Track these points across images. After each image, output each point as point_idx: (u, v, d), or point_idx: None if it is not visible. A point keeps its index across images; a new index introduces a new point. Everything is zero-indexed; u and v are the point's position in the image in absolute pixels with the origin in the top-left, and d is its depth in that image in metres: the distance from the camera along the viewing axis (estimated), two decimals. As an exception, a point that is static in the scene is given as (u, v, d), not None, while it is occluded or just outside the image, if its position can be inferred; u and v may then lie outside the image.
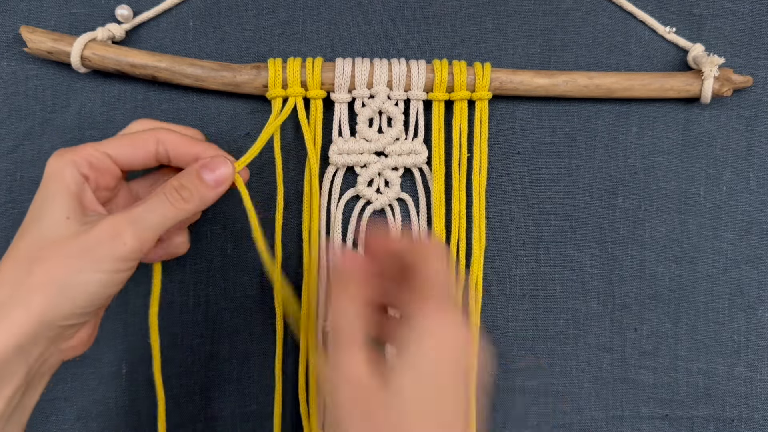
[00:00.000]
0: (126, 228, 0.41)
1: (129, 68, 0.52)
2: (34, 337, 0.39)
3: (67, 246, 0.40)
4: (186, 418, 0.56)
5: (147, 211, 0.42)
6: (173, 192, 0.43)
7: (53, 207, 0.41)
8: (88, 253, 0.40)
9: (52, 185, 0.42)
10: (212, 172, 0.45)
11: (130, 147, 0.45)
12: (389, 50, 0.56)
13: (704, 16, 0.58)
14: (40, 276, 0.39)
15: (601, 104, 0.57)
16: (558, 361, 0.57)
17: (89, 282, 0.40)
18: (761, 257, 0.57)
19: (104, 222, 0.41)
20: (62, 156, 0.42)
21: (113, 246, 0.41)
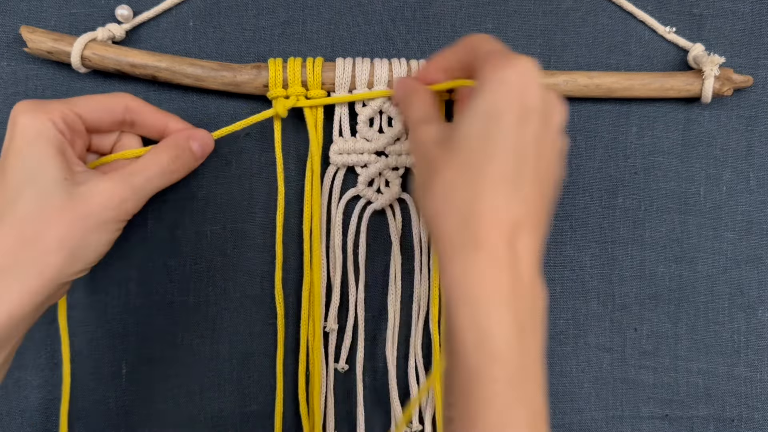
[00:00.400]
0: (130, 197, 0.44)
1: (129, 68, 0.52)
2: (46, 296, 0.42)
3: (74, 210, 0.42)
4: (186, 418, 0.56)
5: (148, 182, 0.46)
6: (169, 163, 0.47)
7: (47, 169, 0.42)
8: (95, 217, 0.43)
9: (37, 145, 0.43)
10: (197, 142, 0.50)
11: (99, 110, 0.47)
12: (389, 50, 0.56)
13: (704, 16, 0.58)
14: (51, 240, 0.41)
15: (601, 104, 0.57)
16: (558, 361, 0.57)
17: (98, 242, 0.44)
18: (761, 257, 0.57)
19: (109, 188, 0.44)
20: (35, 112, 0.43)
21: (119, 211, 0.44)
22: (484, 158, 0.38)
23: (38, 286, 0.41)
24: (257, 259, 0.56)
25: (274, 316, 0.55)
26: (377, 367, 0.56)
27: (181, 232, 0.55)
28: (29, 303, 0.41)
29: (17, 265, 0.40)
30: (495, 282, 0.36)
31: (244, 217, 0.55)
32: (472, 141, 0.39)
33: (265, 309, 0.56)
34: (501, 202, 0.37)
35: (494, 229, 0.37)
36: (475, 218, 0.37)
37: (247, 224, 0.56)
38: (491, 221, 0.37)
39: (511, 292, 0.36)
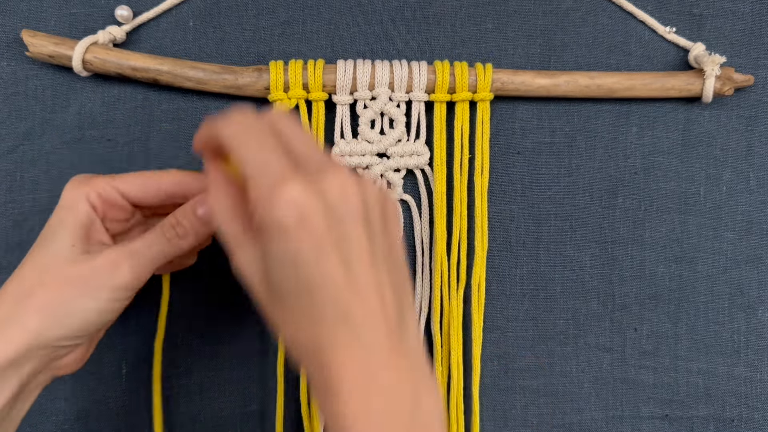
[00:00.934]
0: (124, 260, 0.43)
1: (130, 71, 0.52)
2: (27, 354, 0.41)
3: (67, 272, 0.42)
4: (186, 418, 0.56)
5: (145, 246, 0.44)
6: (170, 228, 0.45)
7: (60, 235, 0.43)
8: (86, 281, 0.42)
9: (63, 214, 0.44)
10: (203, 207, 0.45)
11: (143, 185, 0.46)
12: (389, 50, 0.56)
13: (704, 16, 0.58)
14: (39, 299, 0.41)
15: (601, 104, 0.57)
16: (558, 361, 0.57)
17: (84, 309, 0.42)
18: (761, 257, 0.58)
19: (104, 253, 0.43)
20: (77, 186, 0.44)
21: (111, 276, 0.42)
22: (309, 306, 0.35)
23: (19, 341, 0.40)
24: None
25: (274, 317, 0.55)
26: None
27: (181, 232, 0.55)
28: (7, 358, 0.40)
29: (6, 319, 0.41)
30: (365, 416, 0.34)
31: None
32: (291, 292, 0.36)
33: (265, 309, 0.56)
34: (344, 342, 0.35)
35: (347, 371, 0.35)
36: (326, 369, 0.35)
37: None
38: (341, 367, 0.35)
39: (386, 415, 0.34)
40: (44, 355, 0.42)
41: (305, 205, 0.34)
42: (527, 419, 0.57)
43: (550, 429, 0.58)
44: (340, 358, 0.35)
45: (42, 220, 0.53)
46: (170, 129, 0.55)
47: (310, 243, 0.34)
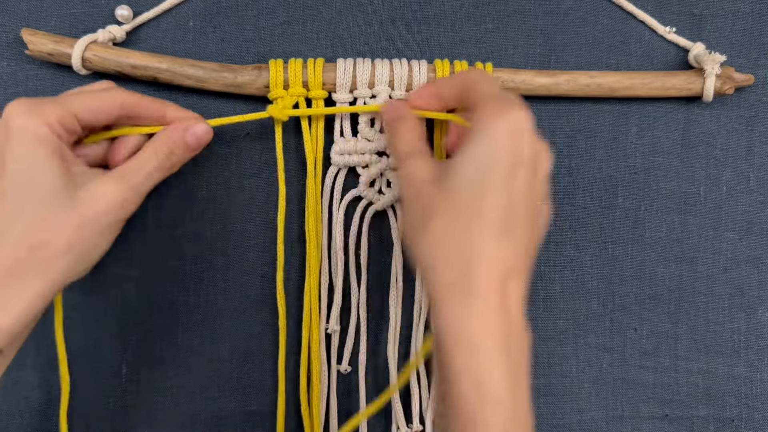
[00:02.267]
0: (130, 195, 0.44)
1: (130, 70, 0.52)
2: (52, 297, 0.42)
3: (78, 215, 0.42)
4: (186, 418, 0.56)
5: (147, 179, 0.46)
6: (165, 159, 0.47)
7: (47, 176, 0.42)
8: (100, 220, 0.43)
9: (36, 150, 0.42)
10: (193, 133, 0.48)
11: (95, 109, 0.45)
12: (389, 50, 0.56)
13: (704, 16, 0.58)
14: (59, 245, 0.41)
15: (601, 104, 0.57)
16: (558, 361, 0.57)
17: (102, 243, 0.44)
18: (761, 257, 0.58)
19: (109, 192, 0.43)
20: (32, 116, 0.42)
21: (121, 212, 0.44)
22: (478, 207, 0.39)
23: (45, 290, 0.41)
24: (257, 259, 0.56)
25: (274, 317, 0.55)
26: (378, 367, 0.56)
27: (181, 232, 0.55)
28: (36, 306, 0.41)
29: (25, 272, 0.41)
30: (490, 328, 0.38)
31: (244, 217, 0.55)
32: (467, 188, 0.40)
33: (265, 309, 0.56)
34: (494, 250, 0.39)
35: (488, 277, 0.38)
36: (471, 266, 0.39)
37: (247, 224, 0.56)
38: (486, 270, 0.38)
39: (505, 337, 0.38)
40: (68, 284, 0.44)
41: (529, 126, 0.41)
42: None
43: (550, 429, 0.57)
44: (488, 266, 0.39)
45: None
46: (170, 128, 0.55)
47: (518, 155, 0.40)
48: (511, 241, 0.39)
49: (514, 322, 0.39)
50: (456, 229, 0.40)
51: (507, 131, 0.40)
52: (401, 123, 0.49)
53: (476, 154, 0.40)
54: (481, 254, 0.39)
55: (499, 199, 0.39)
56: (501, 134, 0.40)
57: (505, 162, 0.40)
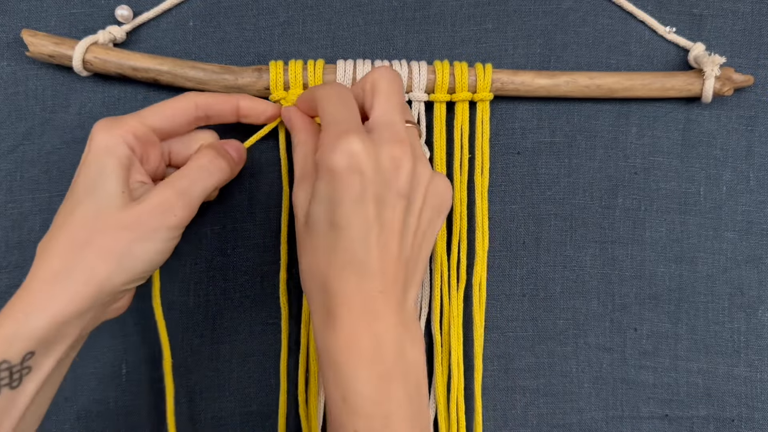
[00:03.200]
0: (176, 201, 0.44)
1: (131, 71, 0.52)
2: (92, 303, 0.42)
3: (123, 219, 0.43)
4: (186, 418, 0.56)
5: (192, 184, 0.46)
6: (209, 162, 0.47)
7: (108, 182, 0.44)
8: (143, 225, 0.43)
9: (104, 159, 0.44)
10: (232, 148, 0.50)
11: (171, 116, 0.47)
12: (389, 50, 0.56)
13: (704, 16, 0.58)
14: (101, 247, 0.42)
15: (601, 104, 0.57)
16: (558, 361, 0.57)
17: (145, 251, 0.44)
18: (761, 257, 0.58)
19: (155, 195, 0.44)
20: (110, 131, 0.45)
21: (166, 218, 0.44)
22: (331, 243, 0.41)
23: (85, 293, 0.41)
24: (257, 259, 0.56)
25: (274, 316, 0.55)
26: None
27: (181, 232, 0.55)
28: (74, 309, 0.41)
29: (66, 271, 0.41)
30: (353, 347, 0.40)
31: (244, 217, 0.55)
32: (320, 227, 0.42)
33: (265, 309, 0.56)
34: (347, 281, 0.41)
35: (344, 305, 0.41)
36: (329, 297, 0.41)
37: (247, 224, 0.56)
38: (342, 299, 0.41)
39: (371, 351, 0.40)
40: (105, 302, 0.44)
41: (359, 157, 0.40)
42: (527, 419, 0.57)
43: (550, 429, 0.57)
44: (343, 296, 0.41)
45: (42, 219, 0.53)
46: (170, 129, 0.55)
47: (352, 189, 0.40)
48: (362, 270, 0.41)
49: (383, 335, 0.41)
50: (316, 266, 0.42)
51: (340, 166, 0.40)
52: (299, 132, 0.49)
53: (321, 192, 0.42)
54: (334, 288, 0.41)
55: (350, 231, 0.41)
56: (336, 169, 0.40)
57: (346, 194, 0.41)
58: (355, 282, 0.41)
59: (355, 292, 0.41)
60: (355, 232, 0.41)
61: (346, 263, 0.41)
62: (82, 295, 0.41)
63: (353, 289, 0.41)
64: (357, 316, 0.41)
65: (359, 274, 0.41)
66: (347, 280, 0.41)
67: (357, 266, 0.41)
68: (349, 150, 0.40)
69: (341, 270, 0.41)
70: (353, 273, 0.41)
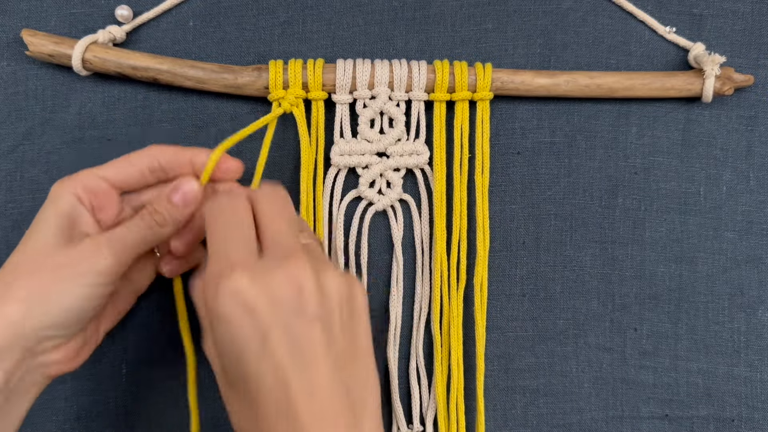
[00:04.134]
0: (105, 246, 0.43)
1: (130, 71, 0.52)
2: (9, 346, 0.40)
3: (48, 260, 0.42)
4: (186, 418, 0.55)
5: (126, 232, 0.44)
6: (147, 216, 0.45)
7: (44, 227, 0.43)
8: (67, 267, 0.42)
9: (47, 209, 0.44)
10: (178, 193, 0.45)
11: (124, 166, 0.46)
12: (389, 50, 0.56)
13: (704, 16, 0.58)
14: (20, 287, 0.41)
15: (601, 104, 0.57)
16: (558, 361, 0.57)
17: (66, 294, 0.42)
18: (761, 257, 0.58)
19: (86, 240, 0.43)
20: (61, 183, 0.45)
21: (92, 262, 0.42)
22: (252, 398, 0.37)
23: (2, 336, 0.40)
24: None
25: (274, 317, 0.55)
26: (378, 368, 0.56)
27: (181, 232, 0.55)
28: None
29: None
30: None
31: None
32: (236, 381, 0.38)
33: (265, 309, 0.56)
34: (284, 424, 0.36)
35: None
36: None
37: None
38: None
39: None
40: (28, 347, 0.41)
41: (246, 295, 0.36)
42: (527, 419, 0.57)
43: (550, 429, 0.57)
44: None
45: (42, 219, 0.53)
46: (170, 129, 0.55)
47: (248, 334, 0.36)
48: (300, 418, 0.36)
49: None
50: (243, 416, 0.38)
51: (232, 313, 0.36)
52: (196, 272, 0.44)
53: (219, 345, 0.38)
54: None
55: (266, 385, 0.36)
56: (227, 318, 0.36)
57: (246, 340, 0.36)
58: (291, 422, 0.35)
59: None
60: (271, 380, 0.36)
61: (276, 418, 0.36)
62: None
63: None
64: None
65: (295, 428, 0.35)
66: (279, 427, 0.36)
67: (289, 418, 0.35)
68: (233, 289, 0.36)
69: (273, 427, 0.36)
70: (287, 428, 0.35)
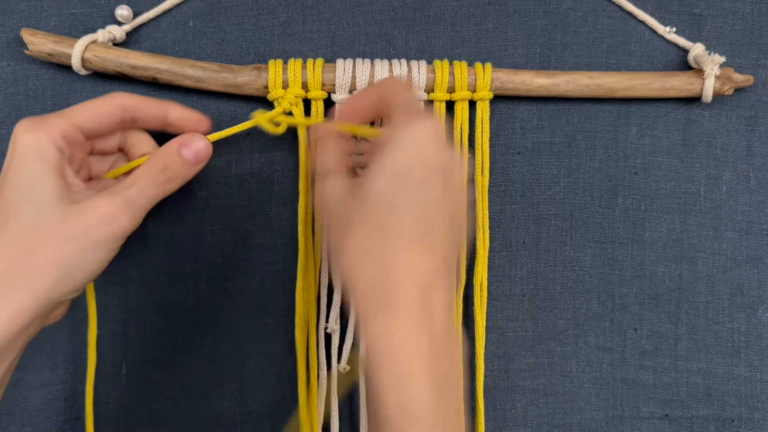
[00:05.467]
0: (123, 211, 0.43)
1: (130, 70, 0.52)
2: (35, 317, 0.41)
3: (66, 229, 0.41)
4: (186, 418, 0.56)
5: (138, 194, 0.44)
6: (159, 173, 0.45)
7: (42, 188, 0.42)
8: (87, 236, 0.41)
9: (34, 163, 0.42)
10: (190, 149, 0.47)
11: (96, 115, 0.46)
12: (389, 50, 0.56)
13: (704, 16, 0.58)
14: (43, 259, 0.40)
15: (601, 104, 0.57)
16: (558, 361, 0.57)
17: (90, 261, 0.42)
18: (761, 257, 0.58)
19: (100, 205, 0.42)
20: (36, 131, 0.42)
21: (111, 229, 0.42)
22: (394, 217, 0.39)
23: (29, 306, 0.40)
24: (257, 259, 0.56)
25: (274, 317, 0.55)
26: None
27: (181, 232, 0.55)
28: (19, 322, 0.40)
29: (8, 285, 0.40)
30: (413, 341, 0.37)
31: (244, 217, 0.55)
32: (381, 199, 0.40)
33: (265, 309, 0.56)
34: (413, 260, 0.38)
35: (408, 287, 0.38)
36: (390, 277, 0.38)
37: (247, 224, 0.56)
38: (405, 280, 0.38)
39: (429, 349, 0.38)
40: (48, 313, 0.42)
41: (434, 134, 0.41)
42: (527, 419, 0.57)
43: (550, 429, 0.57)
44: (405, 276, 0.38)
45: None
46: (170, 129, 0.55)
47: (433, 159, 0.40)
48: (430, 249, 0.39)
49: (439, 333, 0.38)
50: (371, 243, 0.39)
51: (413, 141, 0.40)
52: (322, 143, 0.46)
53: (385, 166, 0.40)
54: (398, 266, 0.38)
55: (412, 209, 0.39)
56: (407, 144, 0.40)
57: (416, 169, 0.40)
58: (418, 261, 0.39)
59: (418, 274, 0.38)
60: (426, 206, 0.39)
61: (411, 237, 0.39)
62: (26, 309, 0.40)
63: (417, 270, 0.38)
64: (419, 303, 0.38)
65: (422, 252, 0.39)
66: (412, 257, 0.38)
67: (422, 242, 0.39)
68: (428, 126, 0.40)
69: (406, 244, 0.39)
70: (417, 249, 0.39)
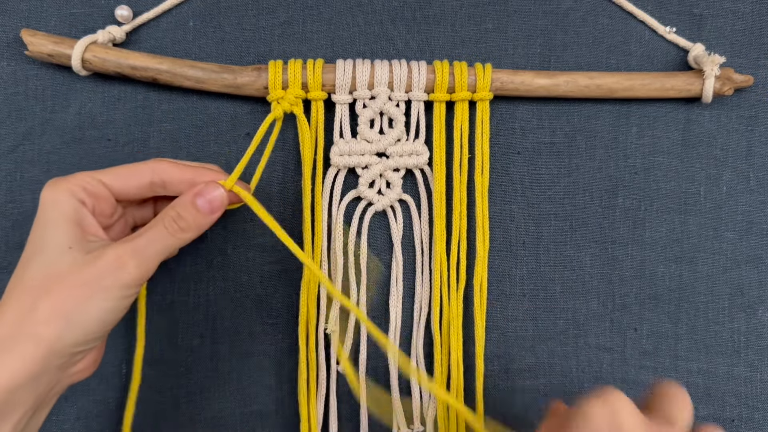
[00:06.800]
0: (130, 259, 0.42)
1: (130, 71, 0.52)
2: (43, 368, 0.40)
3: (73, 277, 0.41)
4: (186, 418, 0.56)
5: (149, 242, 0.44)
6: (171, 222, 0.45)
7: (55, 236, 0.42)
8: (94, 284, 0.41)
9: (50, 213, 0.43)
10: (204, 198, 0.46)
11: (125, 175, 0.46)
12: (389, 50, 0.56)
13: (704, 16, 0.58)
14: (48, 308, 0.40)
15: (601, 104, 0.57)
16: (558, 361, 0.57)
17: (96, 310, 0.41)
18: (761, 257, 0.58)
19: (108, 253, 0.42)
20: (57, 185, 0.43)
21: (118, 276, 0.42)
22: None
23: (34, 356, 0.39)
24: (257, 259, 0.56)
25: (273, 316, 0.55)
26: (378, 367, 0.56)
27: (181, 232, 0.55)
28: (25, 374, 0.39)
29: (13, 337, 0.39)
30: None
31: (244, 217, 0.55)
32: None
33: (264, 309, 0.56)
34: None
35: None
36: None
37: (247, 224, 0.56)
38: None
39: None
40: (60, 365, 0.41)
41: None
42: (527, 419, 0.57)
43: (550, 429, 0.57)
44: None
45: (42, 220, 0.53)
46: (170, 129, 0.55)
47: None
48: None
49: None
50: None
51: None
52: None
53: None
54: None
55: None
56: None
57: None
58: None
59: None
60: None
61: None
62: (31, 359, 0.39)
63: None
64: None
65: None
66: None
67: None
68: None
69: None
70: None
